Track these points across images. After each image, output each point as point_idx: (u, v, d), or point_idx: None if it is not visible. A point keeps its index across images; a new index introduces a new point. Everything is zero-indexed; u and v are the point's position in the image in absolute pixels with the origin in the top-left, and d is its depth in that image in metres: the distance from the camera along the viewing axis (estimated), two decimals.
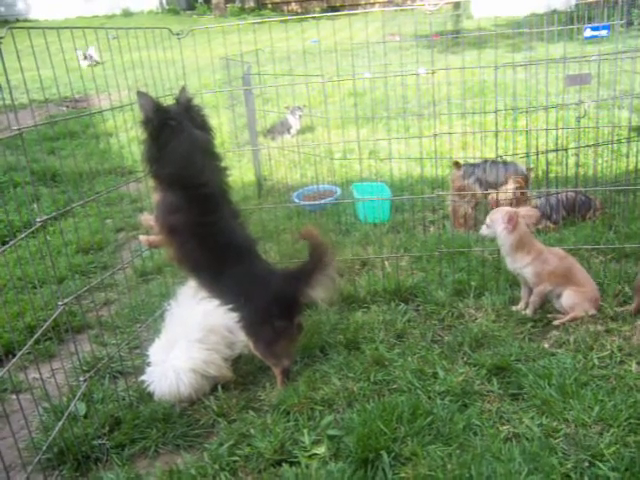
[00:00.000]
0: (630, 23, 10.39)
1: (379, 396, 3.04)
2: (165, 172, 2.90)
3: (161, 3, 27.44)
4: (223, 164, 3.08)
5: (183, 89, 3.02)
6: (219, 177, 3.03)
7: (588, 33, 4.56)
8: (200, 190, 2.89)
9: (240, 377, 3.30)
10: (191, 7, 27.78)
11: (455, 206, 5.05)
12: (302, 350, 3.43)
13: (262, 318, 3.07)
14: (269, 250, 4.75)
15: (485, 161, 5.07)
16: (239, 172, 6.06)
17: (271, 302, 3.06)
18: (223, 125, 6.56)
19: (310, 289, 3.11)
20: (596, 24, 4.89)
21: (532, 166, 5.17)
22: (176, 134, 2.84)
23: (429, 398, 2.97)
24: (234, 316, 3.10)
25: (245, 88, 5.82)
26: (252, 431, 2.86)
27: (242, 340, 3.28)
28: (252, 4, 26.61)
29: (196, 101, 3.08)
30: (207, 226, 2.95)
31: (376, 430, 2.72)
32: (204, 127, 3.01)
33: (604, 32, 4.48)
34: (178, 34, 3.62)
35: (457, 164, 5.06)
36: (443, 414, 2.84)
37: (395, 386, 3.09)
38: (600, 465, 2.50)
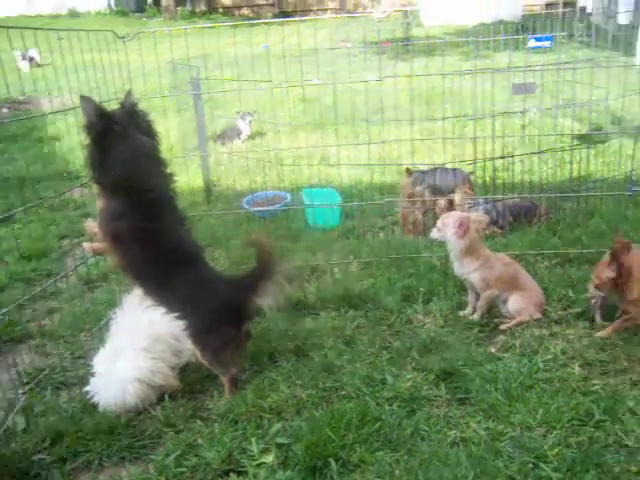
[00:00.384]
0: (572, 35, 10.65)
1: (328, 403, 3.02)
2: (108, 178, 2.84)
3: (109, 4, 26.85)
4: (168, 170, 3.02)
5: (128, 93, 2.96)
6: (164, 183, 2.98)
7: (532, 44, 4.68)
8: (144, 196, 2.84)
9: (187, 386, 3.25)
10: (140, 9, 27.24)
11: (405, 212, 5.10)
12: (251, 357, 3.39)
13: (209, 326, 3.02)
14: (218, 257, 4.72)
15: (435, 168, 5.13)
16: (188, 178, 5.98)
17: (218, 309, 3.02)
18: (172, 130, 6.50)
19: (258, 296, 3.09)
20: (540, 35, 5.01)
21: (473, 171, 5.25)
22: (120, 139, 2.78)
23: (377, 404, 2.97)
24: (181, 324, 3.05)
25: (193, 93, 5.76)
26: (199, 441, 2.81)
27: (189, 348, 3.22)
28: (203, 8, 26.34)
29: (142, 106, 3.02)
30: (152, 233, 2.89)
31: (324, 437, 2.71)
32: (149, 132, 2.95)
33: (547, 43, 4.59)
34: (124, 37, 3.55)
35: (408, 171, 5.11)
36: (391, 420, 2.84)
37: (344, 393, 3.09)
38: (543, 466, 2.54)
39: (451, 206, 4.91)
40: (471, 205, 5.02)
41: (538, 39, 4.79)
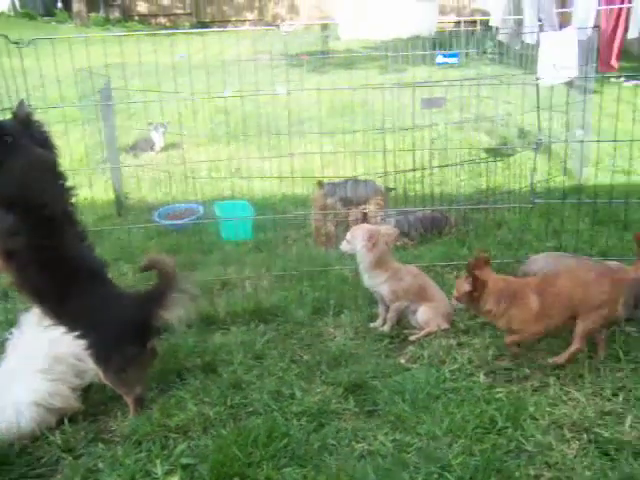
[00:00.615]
0: (484, 52, 11.05)
1: (235, 420, 2.97)
2: (1, 192, 2.70)
3: (13, 5, 24.93)
4: (67, 183, 2.90)
5: (21, 103, 2.83)
6: (62, 197, 2.86)
7: (440, 60, 4.79)
8: (39, 211, 2.71)
9: (90, 407, 3.11)
10: (49, 13, 25.76)
11: (318, 224, 5.11)
12: (158, 375, 3.30)
13: (112, 344, 2.92)
14: (128, 271, 4.58)
15: (347, 180, 5.17)
16: (97, 190, 5.80)
17: (121, 327, 2.93)
18: (81, 141, 6.28)
19: (163, 311, 3.01)
20: (447, 52, 5.15)
21: (394, 187, 5.34)
22: (12, 151, 2.65)
23: (286, 419, 2.94)
24: (82, 343, 2.93)
25: (102, 103, 5.59)
26: (100, 465, 2.71)
27: (92, 368, 3.09)
28: (117, 15, 25.55)
29: (38, 116, 2.90)
30: (48, 250, 2.77)
31: (231, 456, 2.66)
32: (46, 144, 2.83)
33: (454, 59, 4.72)
34: (17, 43, 3.38)
35: (320, 183, 5.12)
36: (299, 435, 2.82)
37: (252, 409, 3.04)
38: (448, 476, 2.58)
39: (364, 218, 4.96)
40: (383, 217, 5.08)
41: (445, 55, 4.92)
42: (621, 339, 3.53)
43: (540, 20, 5.47)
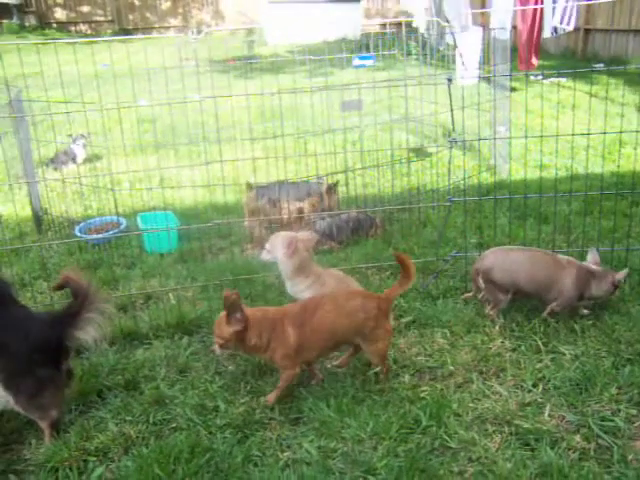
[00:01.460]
0: (409, 53, 11.25)
1: (158, 438, 2.90)
2: None
3: None
4: None
5: None
6: None
7: (357, 62, 4.81)
8: None
9: (1, 437, 2.97)
10: None
11: (250, 228, 5.04)
12: (76, 397, 3.18)
13: (22, 368, 2.80)
14: (47, 290, 4.42)
15: (278, 182, 5.16)
16: (13, 207, 5.58)
17: (31, 350, 2.81)
18: None
19: (77, 331, 2.91)
20: (364, 54, 5.19)
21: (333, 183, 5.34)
22: None
23: (210, 433, 2.89)
24: None
25: (8, 116, 5.38)
26: None
27: (2, 395, 2.95)
28: (34, 22, 24.53)
29: None
30: None
31: (152, 475, 2.60)
32: None
33: (370, 62, 4.75)
34: None
35: (249, 185, 5.10)
36: (223, 448, 2.78)
37: (175, 425, 2.98)
38: (372, 479, 2.58)
39: (297, 220, 4.93)
40: (309, 220, 5.07)
41: (362, 57, 4.94)
42: (541, 330, 3.62)
43: (448, 22, 5.57)
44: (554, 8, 7.95)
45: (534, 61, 8.20)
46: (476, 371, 3.34)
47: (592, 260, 3.80)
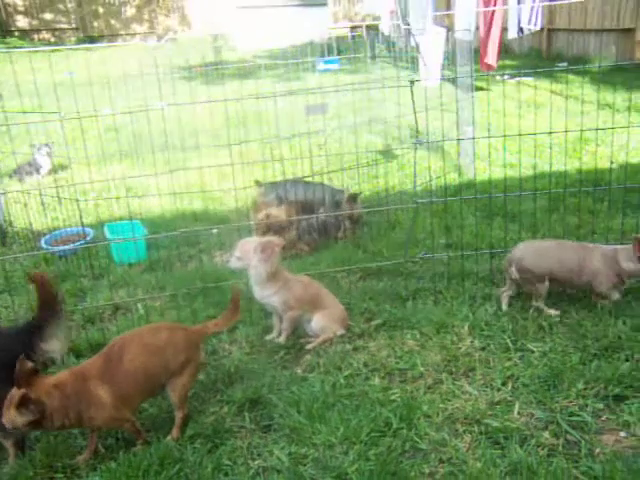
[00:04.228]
0: (374, 56, 11.31)
1: (127, 451, 2.85)
2: None
3: None
4: None
5: None
6: None
7: (322, 66, 4.82)
8: None
9: None
10: None
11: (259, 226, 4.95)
12: None
13: None
14: (14, 304, 4.35)
15: (286, 181, 5.30)
16: None
17: None
18: None
19: (44, 343, 2.86)
20: (329, 58, 5.19)
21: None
22: None
23: (179, 444, 2.86)
24: None
25: None
26: None
27: None
28: None
29: None
30: None
31: None
32: None
33: (335, 65, 4.76)
34: None
35: (257, 182, 5.37)
36: (193, 459, 2.75)
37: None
38: None
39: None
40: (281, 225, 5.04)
41: (326, 62, 4.95)
42: (510, 328, 3.65)
43: (408, 24, 5.61)
44: (520, 9, 8.05)
45: (492, 62, 8.20)
46: (446, 371, 3.35)
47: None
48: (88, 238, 5.20)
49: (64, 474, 2.76)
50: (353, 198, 5.29)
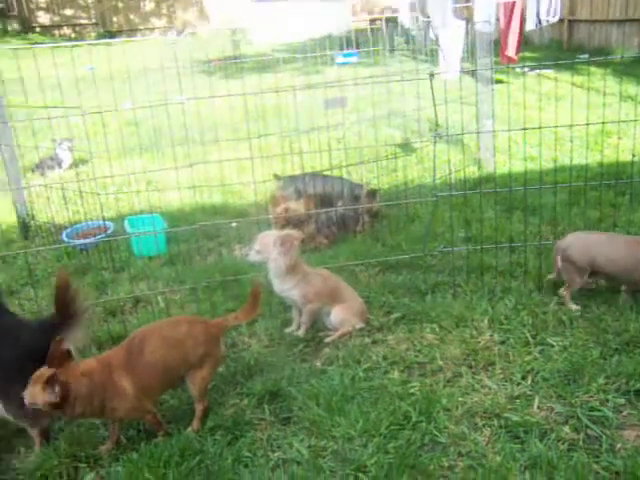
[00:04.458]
0: (393, 49, 11.23)
1: (148, 442, 2.89)
2: None
3: None
4: None
5: None
6: None
7: (340, 60, 4.80)
8: None
9: None
10: None
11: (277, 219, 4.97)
12: None
13: (12, 375, 2.79)
14: (37, 296, 4.40)
15: (305, 174, 5.30)
16: (1, 214, 5.56)
17: (21, 357, 2.80)
18: None
19: (67, 336, 2.90)
20: (348, 51, 5.18)
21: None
22: None
23: (200, 436, 2.89)
24: None
25: None
26: None
27: None
28: (17, 26, 24.30)
29: None
30: None
31: None
32: None
33: (354, 59, 4.74)
34: None
35: (276, 176, 5.38)
36: (213, 450, 2.78)
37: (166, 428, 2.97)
38: (362, 477, 2.59)
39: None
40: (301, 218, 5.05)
41: (345, 55, 4.94)
42: (529, 322, 3.63)
43: (427, 17, 5.58)
44: (538, 0, 7.96)
45: (513, 55, 8.13)
46: (465, 365, 3.34)
47: None
48: (109, 231, 5.25)
49: (87, 464, 2.80)
50: (372, 194, 5.29)
